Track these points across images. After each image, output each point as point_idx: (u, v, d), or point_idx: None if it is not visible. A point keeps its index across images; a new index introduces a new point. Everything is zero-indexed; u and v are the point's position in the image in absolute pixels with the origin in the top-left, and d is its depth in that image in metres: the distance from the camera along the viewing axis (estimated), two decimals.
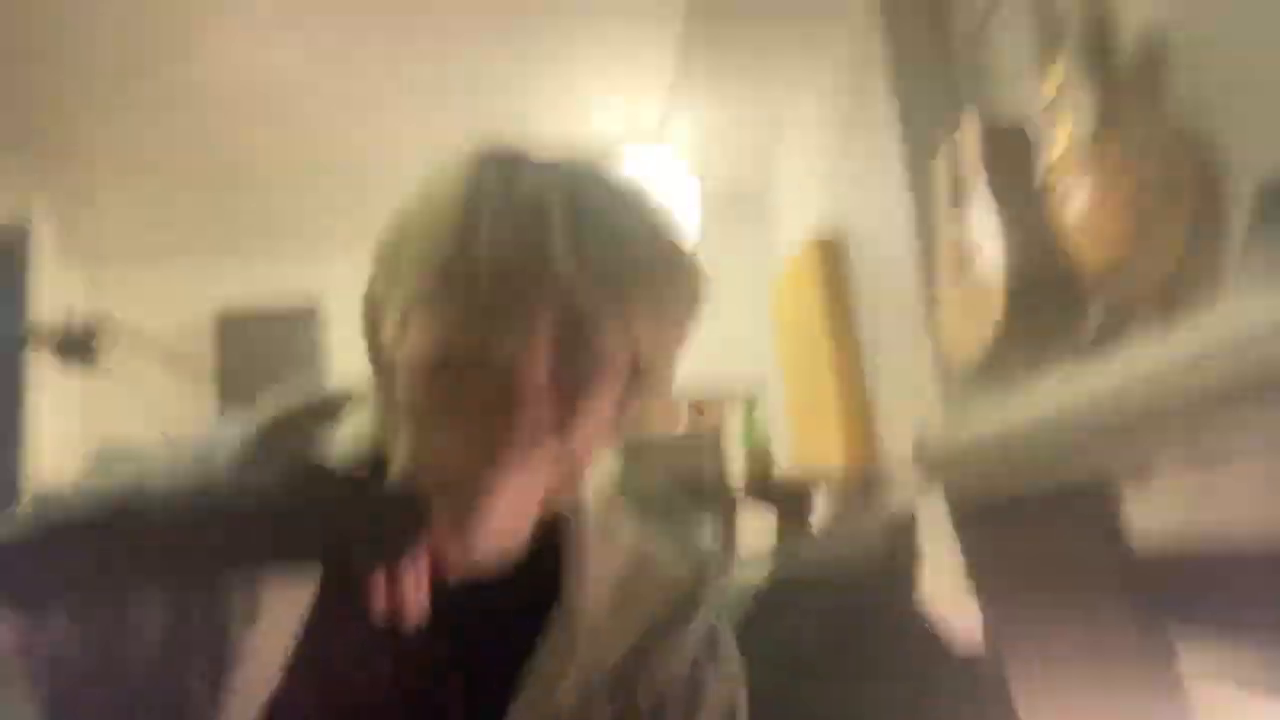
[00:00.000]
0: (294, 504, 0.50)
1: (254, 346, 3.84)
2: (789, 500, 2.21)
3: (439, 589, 0.55)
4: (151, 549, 0.49)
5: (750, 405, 2.40)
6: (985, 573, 1.18)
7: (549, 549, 0.67)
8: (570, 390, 0.56)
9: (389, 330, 0.59)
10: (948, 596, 1.15)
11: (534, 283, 0.55)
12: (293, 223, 3.83)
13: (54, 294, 3.37)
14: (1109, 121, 1.43)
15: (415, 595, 0.52)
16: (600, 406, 0.58)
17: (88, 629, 0.58)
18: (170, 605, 0.60)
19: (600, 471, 0.70)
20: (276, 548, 0.50)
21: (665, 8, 2.58)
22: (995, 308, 1.75)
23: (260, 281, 3.94)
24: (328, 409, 0.69)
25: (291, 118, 3.03)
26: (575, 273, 0.54)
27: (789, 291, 3.25)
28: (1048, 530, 1.14)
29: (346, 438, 0.66)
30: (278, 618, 0.60)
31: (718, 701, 0.72)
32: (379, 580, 0.51)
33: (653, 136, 3.26)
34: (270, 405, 0.68)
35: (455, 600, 0.59)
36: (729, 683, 0.74)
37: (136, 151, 3.14)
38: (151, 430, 3.55)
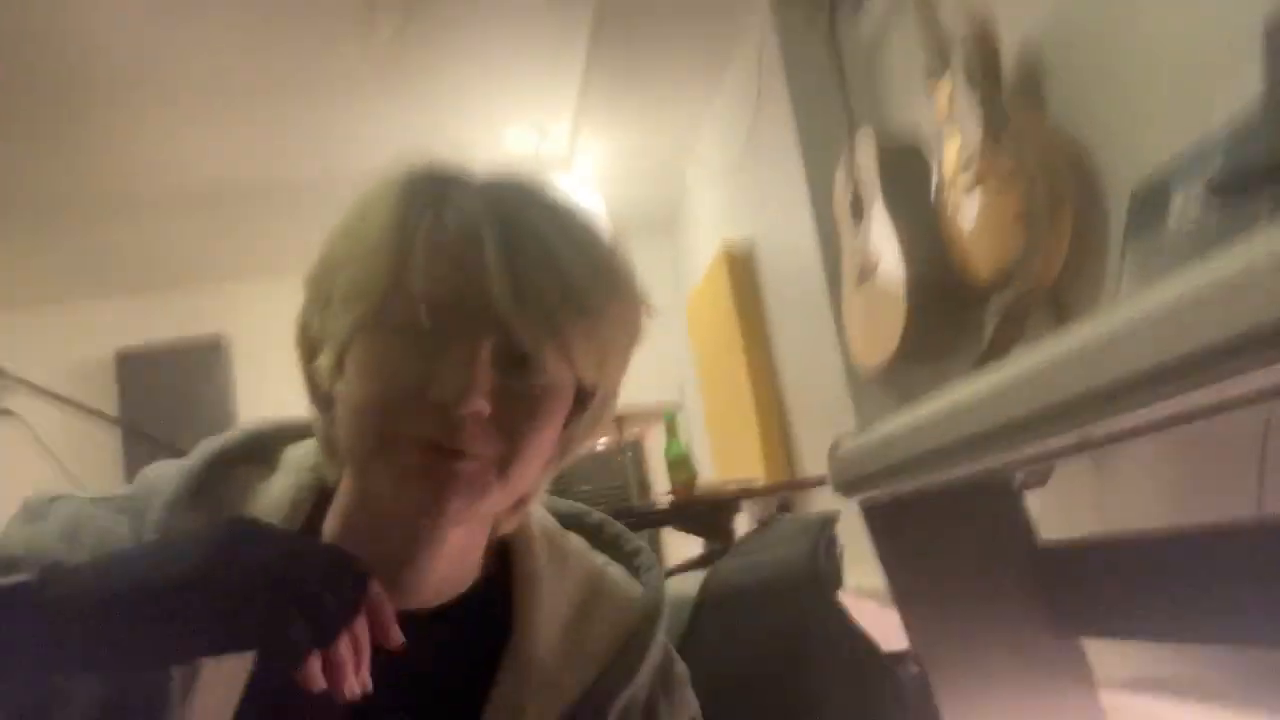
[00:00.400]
0: (225, 580, 0.47)
1: (158, 383, 3.70)
2: (713, 512, 2.24)
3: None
4: (73, 630, 0.46)
5: (671, 417, 2.42)
6: (902, 578, 1.19)
7: (500, 575, 0.65)
8: (514, 424, 0.55)
9: (325, 362, 0.57)
10: (871, 600, 1.19)
11: (471, 316, 0.53)
12: (194, 253, 3.70)
13: None
14: (995, 134, 1.50)
15: (355, 672, 0.49)
16: (545, 437, 0.57)
17: (9, 705, 0.53)
18: (102, 679, 0.54)
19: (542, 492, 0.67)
20: (207, 631, 0.47)
21: (569, 34, 2.59)
22: (898, 316, 1.81)
23: (162, 316, 3.81)
24: (267, 448, 0.66)
25: (190, 144, 2.92)
26: (512, 303, 0.53)
27: (704, 302, 3.29)
28: (958, 532, 1.16)
29: (285, 486, 0.62)
30: (217, 685, 0.56)
31: None
32: (315, 663, 0.48)
33: (561, 163, 3.26)
34: (207, 448, 0.64)
35: (406, 638, 0.55)
36: (684, 711, 0.70)
37: (22, 190, 2.99)
38: (56, 475, 3.40)
